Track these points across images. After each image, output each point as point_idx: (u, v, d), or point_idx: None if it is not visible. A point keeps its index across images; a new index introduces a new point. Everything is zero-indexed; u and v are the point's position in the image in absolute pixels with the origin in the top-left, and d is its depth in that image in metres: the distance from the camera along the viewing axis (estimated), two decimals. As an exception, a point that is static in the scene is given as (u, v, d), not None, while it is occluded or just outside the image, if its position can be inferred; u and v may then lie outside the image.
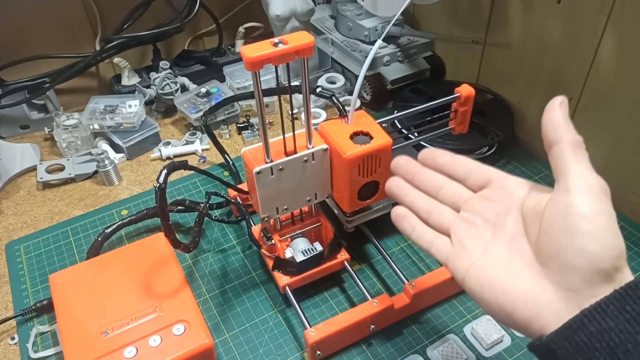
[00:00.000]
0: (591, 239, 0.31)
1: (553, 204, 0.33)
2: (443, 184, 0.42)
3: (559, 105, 0.34)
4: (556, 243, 0.32)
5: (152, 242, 0.57)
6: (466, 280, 0.37)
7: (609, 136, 0.65)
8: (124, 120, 0.77)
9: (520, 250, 0.35)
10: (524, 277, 0.34)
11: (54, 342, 0.54)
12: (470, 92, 0.57)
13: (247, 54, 0.40)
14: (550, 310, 0.32)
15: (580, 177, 0.33)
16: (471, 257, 0.37)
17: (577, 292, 0.31)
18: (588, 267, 0.31)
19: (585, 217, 0.31)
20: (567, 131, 0.34)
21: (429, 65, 0.85)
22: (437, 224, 0.41)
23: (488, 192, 0.39)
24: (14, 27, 0.82)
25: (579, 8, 0.62)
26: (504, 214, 0.37)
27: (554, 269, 0.32)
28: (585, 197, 0.32)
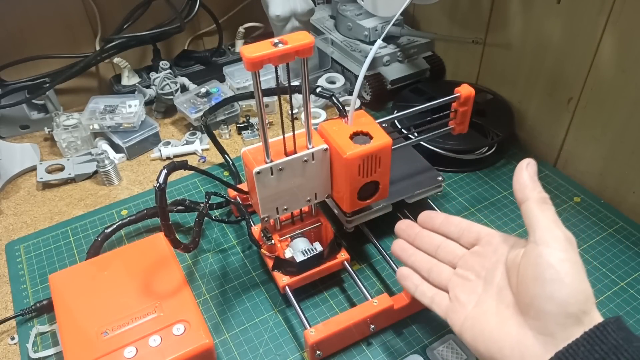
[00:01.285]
0: (559, 286, 0.34)
1: (526, 256, 0.37)
2: (440, 243, 0.46)
3: (525, 167, 0.39)
4: (530, 291, 0.36)
5: (152, 242, 0.57)
6: (462, 332, 0.40)
7: (609, 136, 0.65)
8: (124, 120, 0.77)
9: (505, 300, 0.39)
10: (509, 325, 0.37)
11: (54, 342, 0.54)
12: (470, 92, 0.57)
13: (247, 54, 0.40)
14: (532, 354, 0.35)
15: (547, 230, 0.36)
16: (466, 310, 0.41)
17: (552, 335, 0.34)
18: (558, 312, 0.34)
19: (552, 266, 0.35)
20: (533, 189, 0.38)
21: (429, 65, 0.85)
22: (436, 281, 0.45)
23: (478, 248, 0.43)
24: (14, 27, 0.82)
25: (579, 8, 0.62)
26: (492, 268, 0.41)
27: (531, 315, 0.36)
28: (551, 248, 0.35)
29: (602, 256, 0.60)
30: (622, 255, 0.60)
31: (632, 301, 0.55)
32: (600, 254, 0.60)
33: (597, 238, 0.62)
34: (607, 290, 0.57)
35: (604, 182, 0.67)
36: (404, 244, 0.49)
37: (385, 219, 0.60)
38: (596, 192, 0.68)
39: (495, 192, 0.69)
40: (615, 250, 0.61)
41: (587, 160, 0.69)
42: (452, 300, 0.42)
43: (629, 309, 0.55)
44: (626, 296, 0.56)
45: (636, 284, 0.57)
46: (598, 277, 0.58)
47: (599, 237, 0.63)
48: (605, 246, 0.61)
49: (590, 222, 0.65)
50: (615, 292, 0.56)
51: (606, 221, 0.65)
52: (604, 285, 0.57)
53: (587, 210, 0.66)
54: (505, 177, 0.71)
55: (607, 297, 0.56)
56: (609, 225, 0.64)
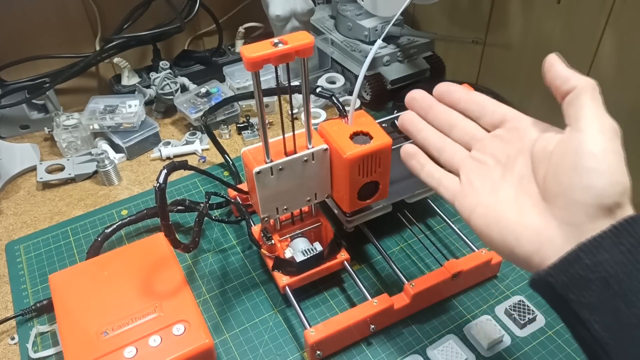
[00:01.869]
0: (598, 176, 0.32)
1: (563, 143, 0.34)
2: (457, 122, 0.41)
3: (558, 60, 0.36)
4: (564, 180, 0.33)
5: (152, 242, 0.57)
6: (472, 218, 0.37)
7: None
8: (124, 120, 0.77)
9: (527, 189, 0.36)
10: (529, 214, 0.34)
11: (54, 342, 0.54)
12: (470, 92, 0.57)
13: (247, 54, 0.40)
14: (551, 244, 0.33)
15: (594, 118, 0.34)
16: (479, 196, 0.38)
17: (578, 226, 0.32)
18: (592, 203, 0.32)
19: (595, 156, 0.32)
20: (580, 77, 0.35)
21: (429, 65, 0.85)
22: (447, 162, 0.41)
23: (501, 132, 0.39)
24: (14, 27, 0.82)
25: (579, 8, 0.62)
26: (514, 154, 0.38)
27: (559, 205, 0.33)
28: (597, 137, 0.33)
29: (602, 256, 0.60)
30: (622, 255, 0.60)
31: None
32: (600, 254, 0.60)
33: (597, 238, 0.62)
34: (607, 290, 0.56)
35: (604, 182, 0.67)
36: (415, 116, 0.43)
37: (385, 219, 0.60)
38: (596, 192, 0.68)
39: (495, 192, 0.69)
40: (615, 250, 0.61)
41: (587, 160, 0.68)
42: (464, 184, 0.39)
43: (629, 309, 0.55)
44: None
45: (636, 284, 0.57)
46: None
47: (599, 237, 0.62)
48: (605, 246, 0.61)
49: (590, 222, 0.64)
50: (615, 292, 0.56)
51: (606, 221, 0.64)
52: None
53: (587, 210, 0.66)
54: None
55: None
56: (609, 225, 0.64)
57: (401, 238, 0.64)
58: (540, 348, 0.51)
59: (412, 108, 0.44)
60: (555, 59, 0.36)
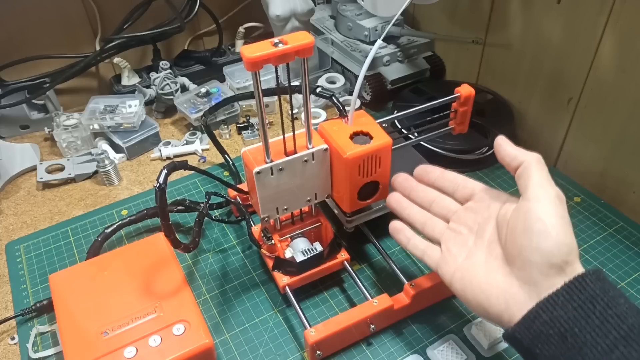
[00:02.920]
0: (545, 238, 0.36)
1: (516, 211, 0.39)
2: (435, 198, 0.48)
3: (503, 142, 0.42)
4: (518, 243, 0.38)
5: (152, 242, 0.57)
6: (453, 282, 0.42)
7: (609, 136, 0.65)
8: (124, 120, 0.77)
9: (495, 253, 0.40)
10: (496, 275, 0.39)
11: (54, 342, 0.54)
12: (470, 92, 0.57)
13: (247, 54, 0.40)
14: (516, 302, 0.37)
15: (540, 187, 0.38)
16: (456, 261, 0.43)
17: (536, 284, 0.36)
18: (543, 262, 0.36)
19: (540, 220, 0.37)
20: (525, 153, 0.41)
21: (429, 65, 0.85)
22: (430, 234, 0.47)
23: (472, 204, 0.45)
24: (14, 27, 0.82)
25: (579, 8, 0.62)
26: (484, 222, 0.43)
27: (517, 266, 0.38)
28: (543, 204, 0.37)
29: (602, 256, 0.60)
30: (622, 255, 0.60)
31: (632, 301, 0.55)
32: (600, 254, 0.60)
33: (597, 238, 0.62)
34: (607, 290, 0.56)
35: (604, 182, 0.67)
36: (400, 197, 0.50)
37: (385, 219, 0.59)
38: (596, 192, 0.68)
39: (495, 192, 0.69)
40: (615, 250, 0.61)
41: (587, 160, 0.69)
42: (444, 253, 0.44)
43: (629, 309, 0.55)
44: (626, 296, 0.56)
45: (636, 284, 0.57)
46: (598, 277, 0.58)
47: (599, 237, 0.63)
48: (605, 246, 0.61)
49: (590, 222, 0.65)
50: (615, 292, 0.56)
51: (606, 221, 0.65)
52: (604, 285, 0.57)
53: (587, 210, 0.66)
54: (506, 177, 0.71)
55: (607, 297, 0.56)
56: (609, 225, 0.64)
57: (401, 238, 0.64)
58: (540, 348, 0.51)
59: (397, 189, 0.51)
60: (503, 140, 0.42)
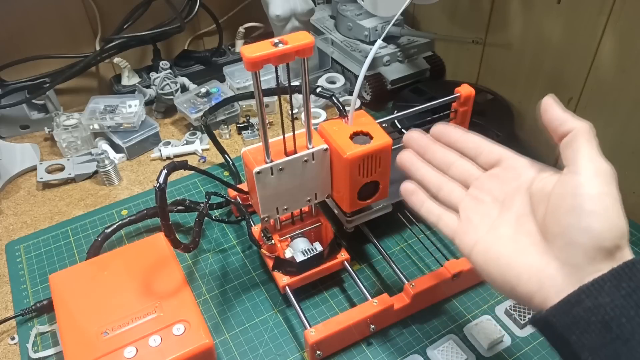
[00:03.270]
0: (596, 219, 0.33)
1: (562, 185, 0.35)
2: (454, 161, 0.42)
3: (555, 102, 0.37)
4: (562, 221, 0.34)
5: (152, 242, 0.57)
6: (472, 254, 0.38)
7: (609, 136, 0.65)
8: (124, 120, 0.77)
9: (526, 228, 0.36)
10: (528, 253, 0.35)
11: (54, 342, 0.54)
12: (470, 92, 0.57)
13: (247, 54, 0.40)
14: (552, 284, 0.33)
15: (590, 161, 0.34)
16: (478, 233, 0.38)
17: (579, 267, 0.33)
18: (591, 245, 0.32)
19: (592, 198, 0.33)
20: (576, 120, 0.36)
21: (429, 65, 0.85)
22: (446, 200, 0.42)
23: (498, 171, 0.40)
24: (14, 27, 0.82)
25: (579, 8, 0.62)
26: (512, 193, 0.38)
27: (558, 245, 0.34)
28: (594, 180, 0.34)
29: (602, 256, 0.60)
30: (622, 255, 0.60)
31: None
32: (600, 254, 0.60)
33: (597, 238, 0.62)
34: (607, 290, 0.56)
35: (604, 182, 0.67)
36: (413, 155, 0.44)
37: (385, 219, 0.60)
38: (596, 192, 0.68)
39: (495, 192, 0.69)
40: (615, 250, 0.61)
41: (587, 160, 0.68)
42: (463, 221, 0.40)
43: (629, 309, 0.55)
44: None
45: (636, 284, 0.57)
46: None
47: (599, 237, 0.62)
48: (605, 246, 0.61)
49: (590, 222, 0.64)
50: (615, 292, 0.56)
51: (606, 221, 0.64)
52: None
53: (587, 210, 0.66)
54: (505, 177, 0.71)
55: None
56: (609, 225, 0.64)
57: (401, 238, 0.64)
58: (540, 348, 0.51)
59: (410, 147, 0.45)
60: (551, 102, 0.37)
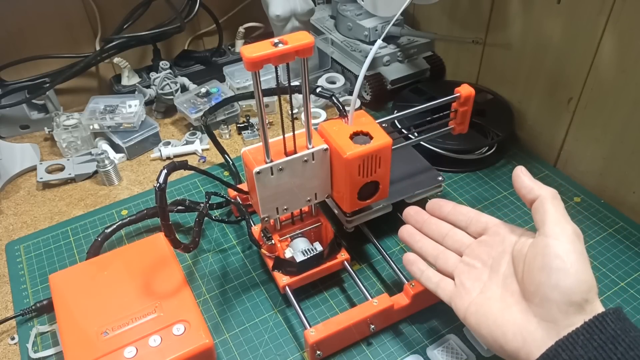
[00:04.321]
0: (564, 275, 0.36)
1: (534, 247, 0.39)
2: (448, 232, 0.48)
3: (522, 172, 0.42)
4: (536, 280, 0.37)
5: (152, 242, 0.57)
6: (467, 316, 0.42)
7: (609, 136, 0.65)
8: (124, 120, 0.77)
9: (510, 288, 0.40)
10: (513, 311, 0.39)
11: (54, 342, 0.54)
12: (470, 92, 0.57)
13: (247, 54, 0.40)
14: (534, 339, 0.36)
15: (556, 223, 0.38)
16: (471, 296, 0.42)
17: (555, 322, 0.36)
18: (562, 300, 0.36)
19: (559, 257, 0.36)
20: (541, 187, 0.41)
21: (429, 65, 0.85)
22: (442, 267, 0.46)
23: (485, 238, 0.45)
24: (14, 27, 0.82)
25: (579, 8, 0.62)
26: (498, 257, 0.43)
27: (535, 302, 0.37)
28: (560, 240, 0.37)
29: (602, 256, 0.60)
30: (622, 255, 0.60)
31: (632, 301, 0.55)
32: (600, 254, 0.60)
33: (597, 238, 0.62)
34: (607, 290, 0.56)
35: (604, 182, 0.67)
36: (412, 229, 0.50)
37: (385, 219, 0.60)
38: (596, 192, 0.68)
39: (495, 192, 0.69)
40: (615, 250, 0.61)
41: (587, 160, 0.69)
42: (458, 286, 0.44)
43: (629, 309, 0.55)
44: (626, 296, 0.56)
45: (636, 284, 0.57)
46: (598, 277, 0.58)
47: (599, 237, 0.63)
48: (605, 246, 0.61)
49: (590, 222, 0.65)
50: (615, 292, 0.56)
51: (606, 221, 0.65)
52: (604, 285, 0.57)
53: (587, 210, 0.66)
54: (505, 177, 0.71)
55: (607, 297, 0.56)
56: (609, 225, 0.64)
57: (401, 238, 0.64)
58: (540, 348, 0.51)
59: (409, 222, 0.51)
60: (518, 172, 0.42)
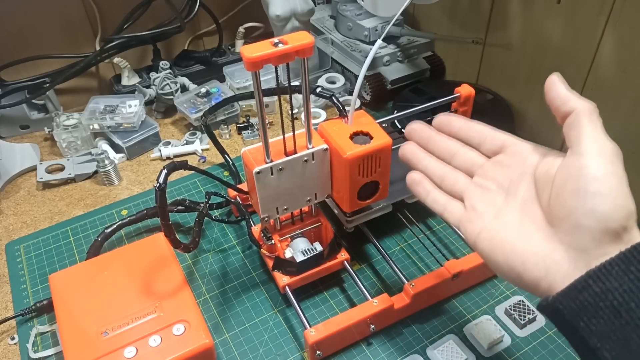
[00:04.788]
0: (602, 200, 0.31)
1: (565, 167, 0.34)
2: (457, 150, 0.42)
3: (558, 80, 0.36)
4: (567, 204, 0.33)
5: (152, 242, 0.57)
6: (478, 242, 0.37)
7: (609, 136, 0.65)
8: (124, 120, 0.77)
9: (531, 214, 0.36)
10: (534, 239, 0.34)
11: (54, 342, 0.54)
12: (470, 92, 0.57)
13: (247, 54, 0.40)
14: (559, 269, 0.32)
15: (594, 141, 0.34)
16: (483, 220, 0.38)
17: (585, 251, 0.32)
18: (598, 227, 0.31)
19: (597, 179, 0.32)
20: (578, 100, 0.35)
21: (429, 65, 0.85)
22: (450, 189, 0.42)
23: (502, 157, 0.40)
24: (14, 27, 0.82)
25: (579, 8, 0.62)
26: (517, 179, 0.38)
27: (564, 229, 0.33)
28: (598, 160, 0.33)
29: (602, 256, 0.60)
30: (622, 255, 0.60)
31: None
32: (600, 254, 0.60)
33: (597, 238, 0.62)
34: (607, 290, 0.56)
35: (604, 182, 0.67)
36: (415, 147, 0.44)
37: (385, 219, 0.60)
38: (596, 192, 0.68)
39: (495, 192, 0.69)
40: (615, 250, 0.61)
41: (587, 160, 0.68)
42: (468, 209, 0.39)
43: (629, 309, 0.55)
44: None
45: (636, 284, 0.57)
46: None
47: (599, 237, 0.62)
48: (605, 246, 0.61)
49: (590, 222, 0.64)
50: (615, 292, 0.56)
51: (606, 221, 0.64)
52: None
53: (587, 210, 0.66)
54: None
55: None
56: (609, 225, 0.64)
57: (401, 238, 0.64)
58: (540, 348, 0.51)
59: (412, 139, 0.44)
60: (556, 80, 0.36)
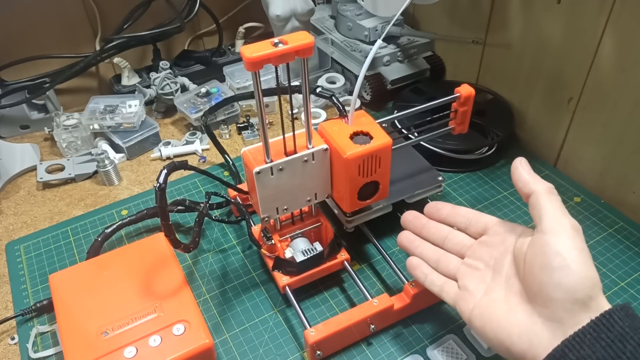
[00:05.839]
0: (566, 273, 0.35)
1: (533, 244, 0.38)
2: (447, 234, 0.47)
3: (520, 165, 0.41)
4: (537, 279, 0.36)
5: (152, 242, 0.57)
6: (472, 319, 0.41)
7: (609, 136, 0.65)
8: (124, 120, 0.77)
9: (514, 289, 0.39)
10: (517, 312, 0.38)
11: (54, 342, 0.54)
12: (470, 92, 0.57)
13: (247, 54, 0.40)
14: (540, 341, 0.35)
15: (553, 219, 0.38)
16: (475, 298, 0.42)
17: (560, 321, 0.35)
18: (566, 298, 0.35)
19: (559, 254, 0.36)
20: (537, 182, 0.40)
21: (429, 65, 0.85)
22: (444, 271, 0.46)
23: (486, 238, 0.44)
24: (14, 27, 0.82)
25: (579, 8, 0.62)
26: (500, 257, 0.42)
27: (539, 303, 0.36)
28: (558, 236, 0.36)
29: (602, 256, 0.60)
30: (622, 255, 0.60)
31: (632, 301, 0.55)
32: (600, 254, 0.60)
33: (597, 238, 0.62)
34: (607, 290, 0.56)
35: (604, 182, 0.67)
36: (411, 235, 0.49)
37: (385, 219, 0.60)
38: (596, 192, 0.68)
39: (495, 192, 0.69)
40: (615, 250, 0.61)
41: (587, 160, 0.69)
42: (461, 289, 0.43)
43: (629, 309, 0.55)
44: (626, 296, 0.56)
45: (636, 284, 0.57)
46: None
47: (599, 237, 0.63)
48: (605, 246, 0.61)
49: (590, 222, 0.65)
50: (615, 292, 0.56)
51: (606, 221, 0.65)
52: (604, 285, 0.57)
53: (587, 210, 0.66)
54: (505, 177, 0.71)
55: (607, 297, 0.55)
56: (609, 225, 0.64)
57: (401, 238, 0.64)
58: (540, 348, 0.51)
59: (407, 228, 0.50)
60: (518, 164, 0.41)
